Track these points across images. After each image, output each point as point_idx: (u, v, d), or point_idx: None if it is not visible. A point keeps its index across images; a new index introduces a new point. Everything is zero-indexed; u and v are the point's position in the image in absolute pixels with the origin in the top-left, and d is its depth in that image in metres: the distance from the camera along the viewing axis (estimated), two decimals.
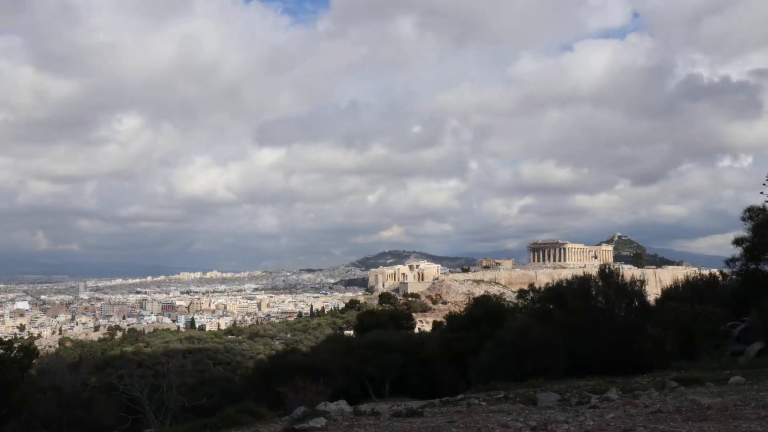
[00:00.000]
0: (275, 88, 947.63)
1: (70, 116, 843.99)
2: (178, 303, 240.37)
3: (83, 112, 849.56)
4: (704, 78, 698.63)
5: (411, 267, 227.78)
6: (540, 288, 53.41)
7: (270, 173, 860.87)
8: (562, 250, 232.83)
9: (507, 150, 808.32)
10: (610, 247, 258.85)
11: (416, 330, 55.50)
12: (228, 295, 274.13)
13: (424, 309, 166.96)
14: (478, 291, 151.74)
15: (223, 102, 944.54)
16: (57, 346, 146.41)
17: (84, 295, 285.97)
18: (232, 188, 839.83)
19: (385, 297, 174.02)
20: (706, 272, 30.12)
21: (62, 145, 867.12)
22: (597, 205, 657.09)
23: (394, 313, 60.23)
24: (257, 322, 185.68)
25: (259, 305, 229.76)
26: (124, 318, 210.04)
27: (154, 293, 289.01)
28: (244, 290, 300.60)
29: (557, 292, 23.44)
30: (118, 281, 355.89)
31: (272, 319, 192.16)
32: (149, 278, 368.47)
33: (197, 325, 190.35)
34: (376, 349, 33.47)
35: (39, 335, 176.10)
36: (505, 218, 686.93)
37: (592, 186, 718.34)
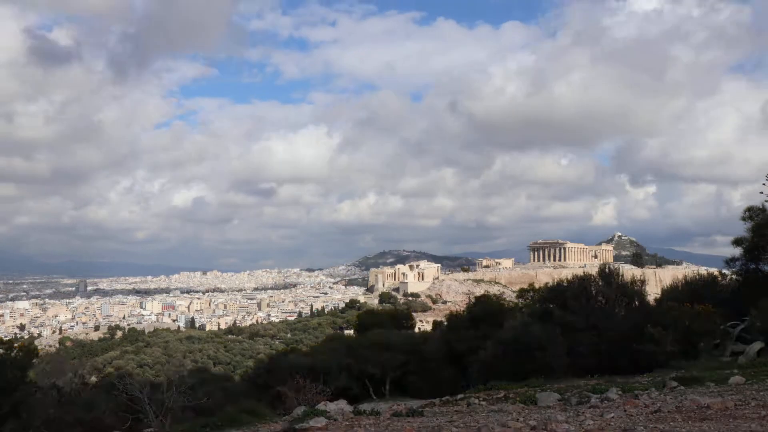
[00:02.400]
0: None
1: None
2: (178, 303, 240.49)
3: None
4: None
5: (411, 267, 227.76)
6: (540, 288, 53.33)
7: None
8: (563, 250, 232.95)
9: None
10: (610, 247, 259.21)
11: (416, 330, 55.44)
12: (228, 295, 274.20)
13: (424, 309, 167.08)
14: (478, 291, 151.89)
15: None
16: (57, 346, 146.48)
17: (84, 295, 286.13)
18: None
19: (385, 297, 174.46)
20: (705, 272, 30.11)
21: None
22: None
23: (394, 312, 60.15)
24: (257, 321, 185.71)
25: (259, 305, 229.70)
26: (124, 318, 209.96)
27: (154, 293, 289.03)
28: (244, 290, 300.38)
29: (557, 291, 23.47)
30: (119, 281, 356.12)
31: (272, 318, 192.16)
32: (149, 278, 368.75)
33: (197, 325, 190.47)
34: (376, 348, 33.44)
35: (39, 335, 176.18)
36: None
37: None
